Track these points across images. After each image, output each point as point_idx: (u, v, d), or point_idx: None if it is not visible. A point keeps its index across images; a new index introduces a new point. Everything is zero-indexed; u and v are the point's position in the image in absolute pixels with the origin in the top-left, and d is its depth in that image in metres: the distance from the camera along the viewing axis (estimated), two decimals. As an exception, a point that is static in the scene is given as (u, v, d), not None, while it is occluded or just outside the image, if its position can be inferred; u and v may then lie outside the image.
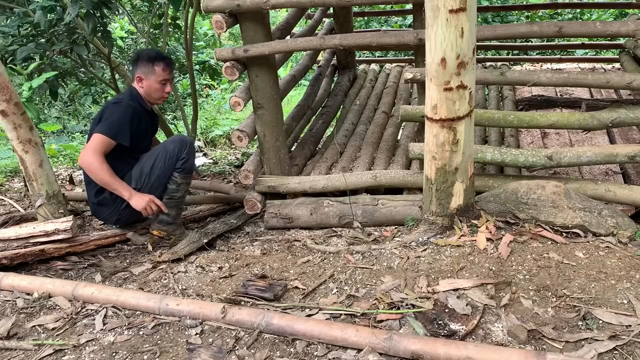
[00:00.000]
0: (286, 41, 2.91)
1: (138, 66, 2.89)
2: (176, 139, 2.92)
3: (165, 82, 2.90)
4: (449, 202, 2.50)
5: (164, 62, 2.88)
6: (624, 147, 2.65)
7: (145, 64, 2.87)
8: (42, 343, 2.00)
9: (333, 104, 4.47)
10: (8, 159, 5.37)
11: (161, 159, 2.82)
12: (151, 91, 2.91)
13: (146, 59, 2.87)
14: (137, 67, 2.89)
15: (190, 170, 2.94)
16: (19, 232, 2.68)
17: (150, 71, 2.87)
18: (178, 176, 2.86)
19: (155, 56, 2.89)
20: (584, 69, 5.12)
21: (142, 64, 2.88)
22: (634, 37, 2.53)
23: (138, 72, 2.89)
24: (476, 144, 2.74)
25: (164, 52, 3.03)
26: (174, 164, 2.84)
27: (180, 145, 2.86)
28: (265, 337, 1.92)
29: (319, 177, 3.14)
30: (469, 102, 2.27)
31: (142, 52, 2.95)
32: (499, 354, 1.66)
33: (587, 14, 7.87)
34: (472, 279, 2.13)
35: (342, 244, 2.73)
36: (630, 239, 2.37)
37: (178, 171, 2.86)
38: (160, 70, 2.87)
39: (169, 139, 3.02)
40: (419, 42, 2.78)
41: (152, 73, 2.87)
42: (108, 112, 2.81)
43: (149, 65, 2.87)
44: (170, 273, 2.55)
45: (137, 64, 2.90)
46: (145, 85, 2.89)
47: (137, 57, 2.92)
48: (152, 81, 2.88)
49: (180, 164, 2.85)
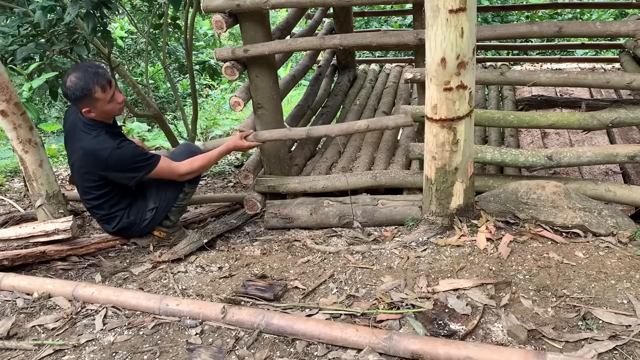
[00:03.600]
0: (286, 41, 2.91)
1: (76, 101, 2.55)
2: (184, 150, 2.91)
3: (112, 97, 2.60)
4: (449, 202, 2.50)
5: (99, 85, 2.52)
6: (624, 147, 2.65)
7: (83, 97, 2.52)
8: (42, 343, 2.00)
9: (333, 104, 4.47)
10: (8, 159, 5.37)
11: None
12: (106, 114, 2.63)
13: (81, 92, 2.50)
14: (77, 102, 2.55)
15: (198, 180, 2.94)
16: (19, 232, 2.68)
17: (92, 100, 2.54)
18: (187, 186, 2.87)
19: (88, 83, 2.50)
20: (584, 69, 5.12)
21: (79, 98, 2.53)
22: (634, 37, 2.53)
23: (81, 105, 2.56)
24: (476, 144, 2.74)
25: (90, 67, 2.61)
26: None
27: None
28: (265, 337, 1.92)
29: (319, 177, 3.14)
30: (469, 102, 2.27)
31: (70, 87, 2.51)
32: (499, 353, 1.66)
33: (587, 14, 7.87)
34: (472, 279, 2.13)
35: (342, 244, 2.73)
36: (630, 239, 2.37)
37: (188, 182, 2.86)
38: (101, 94, 2.54)
39: (177, 149, 3.01)
40: (419, 42, 2.78)
41: (96, 101, 2.54)
42: (117, 161, 2.58)
43: (88, 97, 2.52)
44: (170, 273, 2.55)
45: (73, 100, 2.55)
46: (97, 112, 2.59)
47: (70, 92, 2.53)
48: (100, 106, 2.57)
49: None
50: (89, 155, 2.61)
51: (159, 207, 2.82)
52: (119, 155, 2.58)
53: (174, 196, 2.84)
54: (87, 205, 2.83)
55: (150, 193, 2.83)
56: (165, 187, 2.82)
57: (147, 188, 2.84)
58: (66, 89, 2.54)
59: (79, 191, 2.83)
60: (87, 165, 2.64)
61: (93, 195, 2.73)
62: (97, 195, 2.73)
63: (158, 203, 2.82)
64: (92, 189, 2.71)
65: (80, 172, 2.69)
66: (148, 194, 2.84)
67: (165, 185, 2.81)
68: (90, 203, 2.78)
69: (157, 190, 2.82)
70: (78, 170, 2.70)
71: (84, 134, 2.63)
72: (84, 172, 2.68)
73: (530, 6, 7.62)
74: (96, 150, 2.59)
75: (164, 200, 2.83)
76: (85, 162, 2.64)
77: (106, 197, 2.74)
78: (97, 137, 2.61)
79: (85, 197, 2.77)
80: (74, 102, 2.58)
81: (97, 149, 2.59)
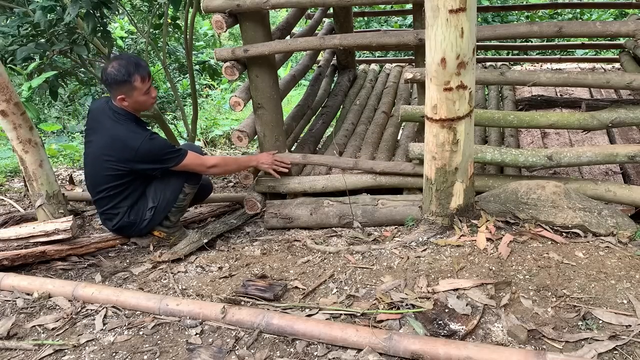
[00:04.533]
0: (286, 41, 2.91)
1: (114, 87, 2.65)
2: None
3: (148, 90, 2.72)
4: (449, 202, 2.50)
5: (139, 74, 2.64)
6: (624, 147, 2.65)
7: (122, 82, 2.63)
8: (42, 343, 2.00)
9: (333, 104, 4.47)
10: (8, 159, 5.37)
11: (175, 174, 2.81)
12: (139, 105, 2.73)
13: (122, 77, 2.62)
14: (114, 88, 2.65)
15: (199, 181, 2.94)
16: (19, 232, 2.68)
17: (130, 88, 2.65)
18: (188, 187, 2.87)
19: (130, 71, 2.62)
20: (584, 69, 5.12)
21: (119, 83, 2.63)
22: (634, 37, 2.53)
23: (117, 92, 2.65)
24: (476, 144, 2.74)
25: (132, 58, 2.71)
26: (187, 176, 2.84)
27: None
28: (265, 337, 1.92)
29: (319, 177, 3.14)
30: (469, 102, 2.27)
31: (111, 72, 2.63)
32: (499, 353, 1.66)
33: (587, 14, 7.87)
34: (472, 279, 2.13)
35: (342, 244, 2.73)
36: (630, 239, 2.37)
37: (188, 182, 2.86)
38: (140, 83, 2.65)
39: None
40: (419, 42, 2.78)
41: (133, 89, 2.65)
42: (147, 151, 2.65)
43: (128, 83, 2.63)
44: (170, 273, 2.55)
45: (112, 84, 2.65)
46: (131, 102, 2.69)
47: (110, 78, 2.63)
48: (136, 96, 2.68)
49: (192, 175, 2.86)
50: (117, 142, 2.66)
51: (158, 206, 2.82)
52: (150, 146, 2.66)
53: (173, 196, 2.84)
54: (96, 197, 2.82)
55: (149, 192, 2.84)
56: (165, 187, 2.82)
57: (147, 188, 2.84)
58: (107, 74, 2.65)
59: (88, 182, 2.85)
60: (113, 153, 2.68)
61: (107, 186, 2.74)
62: (112, 186, 2.74)
63: (157, 202, 2.82)
64: (111, 178, 2.72)
65: (101, 160, 2.71)
66: (148, 193, 2.84)
67: (165, 185, 2.82)
68: (100, 194, 2.78)
69: (156, 190, 2.83)
70: (98, 157, 2.72)
71: (113, 122, 2.69)
72: (106, 159, 2.69)
73: (530, 6, 7.61)
74: (128, 138, 2.65)
75: (163, 200, 2.83)
76: (113, 148, 2.67)
77: (118, 189, 2.75)
78: (128, 126, 2.69)
79: (98, 188, 2.77)
80: (111, 88, 2.67)
81: (129, 137, 2.65)
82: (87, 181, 2.87)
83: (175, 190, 2.84)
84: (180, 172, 2.80)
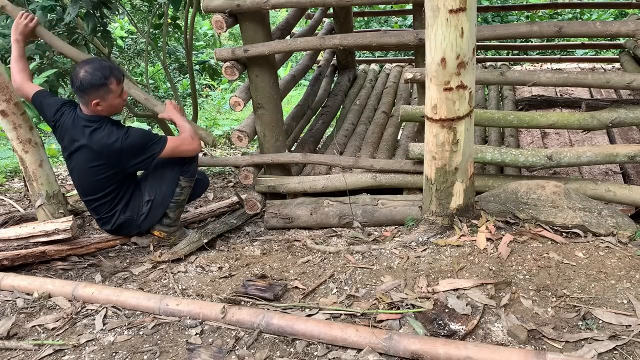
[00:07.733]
0: (286, 41, 2.91)
1: (90, 91, 2.56)
2: None
3: (121, 92, 2.67)
4: (449, 202, 2.50)
5: (115, 77, 2.60)
6: (624, 147, 2.65)
7: (99, 86, 2.56)
8: (42, 343, 2.00)
9: (333, 104, 4.47)
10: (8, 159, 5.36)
11: (169, 167, 2.81)
12: (112, 108, 2.68)
13: (98, 81, 2.55)
14: (89, 93, 2.57)
15: (194, 174, 2.94)
16: (19, 232, 2.68)
17: (107, 92, 2.59)
18: (183, 180, 2.86)
19: (105, 74, 2.57)
20: (584, 69, 5.13)
21: (95, 87, 2.56)
22: (634, 37, 2.53)
23: (92, 97, 2.58)
24: (476, 144, 2.74)
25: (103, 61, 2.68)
26: (180, 168, 2.84)
27: None
28: (265, 337, 1.92)
29: (319, 177, 3.14)
30: (469, 102, 2.27)
31: (86, 77, 2.55)
32: (499, 353, 1.66)
33: (587, 14, 7.87)
34: (472, 279, 2.13)
35: (342, 244, 2.73)
36: (630, 239, 2.37)
37: (183, 174, 2.86)
38: (116, 86, 2.61)
39: None
40: (419, 42, 2.78)
41: (109, 92, 2.59)
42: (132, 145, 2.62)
43: (104, 87, 2.57)
44: (170, 273, 2.55)
45: (87, 89, 2.56)
46: (105, 106, 2.62)
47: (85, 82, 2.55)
48: (110, 100, 2.62)
49: (186, 168, 2.85)
50: (104, 149, 2.63)
51: (154, 200, 2.82)
52: (132, 139, 2.63)
53: (169, 189, 2.84)
54: (92, 205, 2.80)
55: (145, 186, 2.84)
56: (160, 181, 2.82)
57: (142, 182, 2.84)
58: (80, 79, 2.55)
59: (80, 192, 2.83)
60: (102, 160, 2.65)
61: (101, 194, 2.74)
62: (106, 192, 2.74)
63: (154, 195, 2.82)
64: (103, 183, 2.71)
65: (90, 171, 2.68)
66: (143, 188, 2.84)
67: (160, 179, 2.81)
68: (96, 202, 2.77)
69: (152, 185, 2.83)
70: (86, 170, 2.69)
71: (88, 130, 2.63)
72: (96, 169, 2.67)
73: (530, 6, 7.62)
74: (108, 145, 2.62)
75: (159, 194, 2.82)
76: (101, 157, 2.64)
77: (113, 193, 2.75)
78: (104, 130, 2.63)
79: (93, 196, 2.76)
80: (85, 93, 2.57)
81: (108, 144, 2.61)
82: (79, 191, 2.85)
83: (170, 183, 2.83)
84: (174, 165, 2.79)
